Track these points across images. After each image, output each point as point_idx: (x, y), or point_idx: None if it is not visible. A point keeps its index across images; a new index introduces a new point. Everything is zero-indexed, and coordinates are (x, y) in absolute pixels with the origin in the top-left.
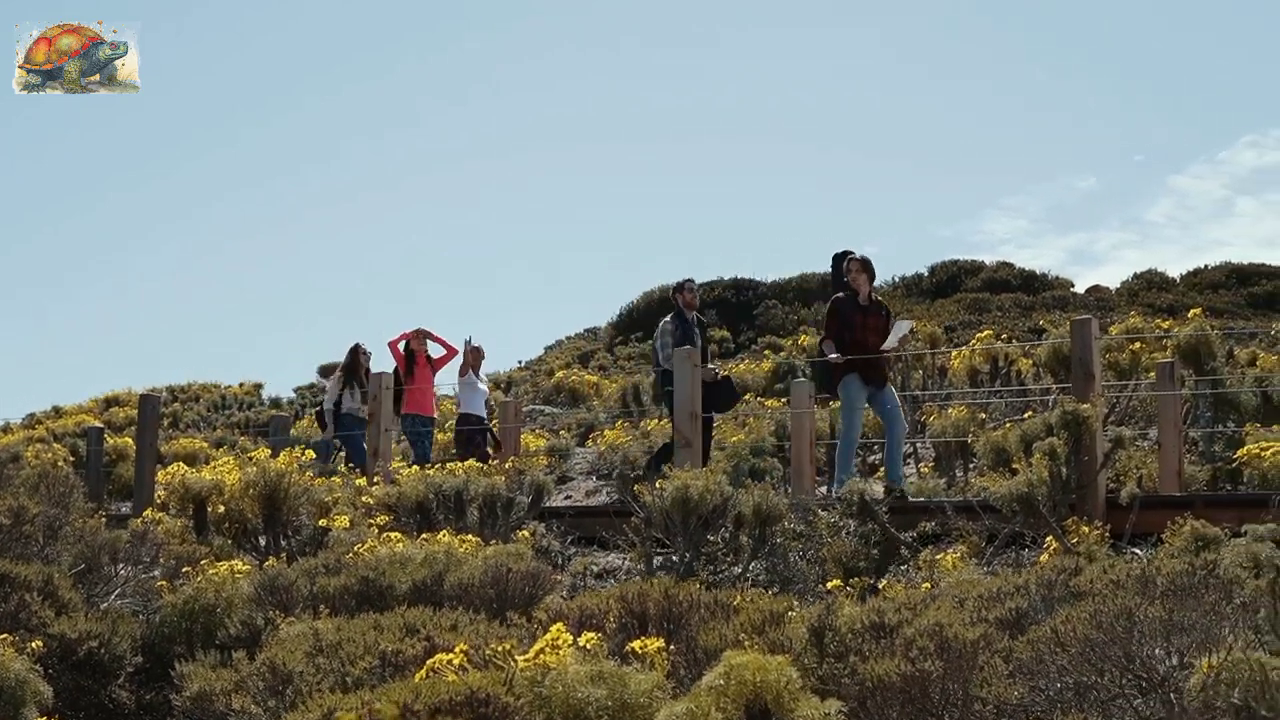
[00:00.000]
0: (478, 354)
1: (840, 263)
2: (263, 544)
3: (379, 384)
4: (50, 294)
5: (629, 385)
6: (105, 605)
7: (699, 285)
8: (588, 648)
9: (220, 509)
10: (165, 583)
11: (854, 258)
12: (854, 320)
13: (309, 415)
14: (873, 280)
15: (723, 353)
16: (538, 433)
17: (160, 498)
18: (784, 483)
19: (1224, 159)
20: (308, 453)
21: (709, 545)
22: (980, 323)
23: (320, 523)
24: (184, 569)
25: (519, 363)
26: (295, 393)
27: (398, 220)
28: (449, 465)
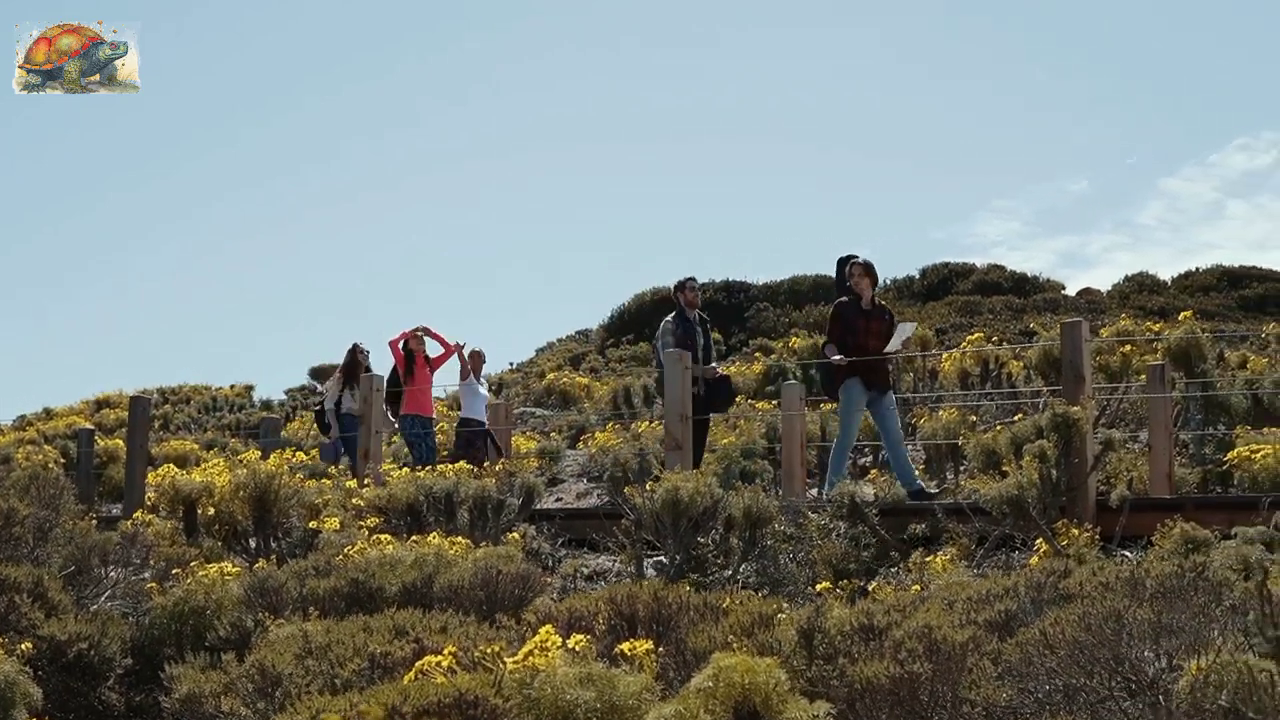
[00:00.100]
0: (479, 358)
1: (844, 267)
2: (253, 546)
3: (369, 386)
4: (47, 295)
5: (620, 387)
6: (95, 607)
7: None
8: (577, 650)
9: (210, 511)
10: (155, 585)
11: (856, 262)
12: (857, 324)
13: (300, 417)
14: (875, 284)
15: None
16: (529, 435)
17: (150, 500)
18: (775, 485)
19: (1215, 162)
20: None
21: (699, 547)
22: (971, 325)
23: (310, 525)
24: (174, 571)
25: (510, 364)
26: (286, 395)
27: (398, 220)
28: (440, 467)
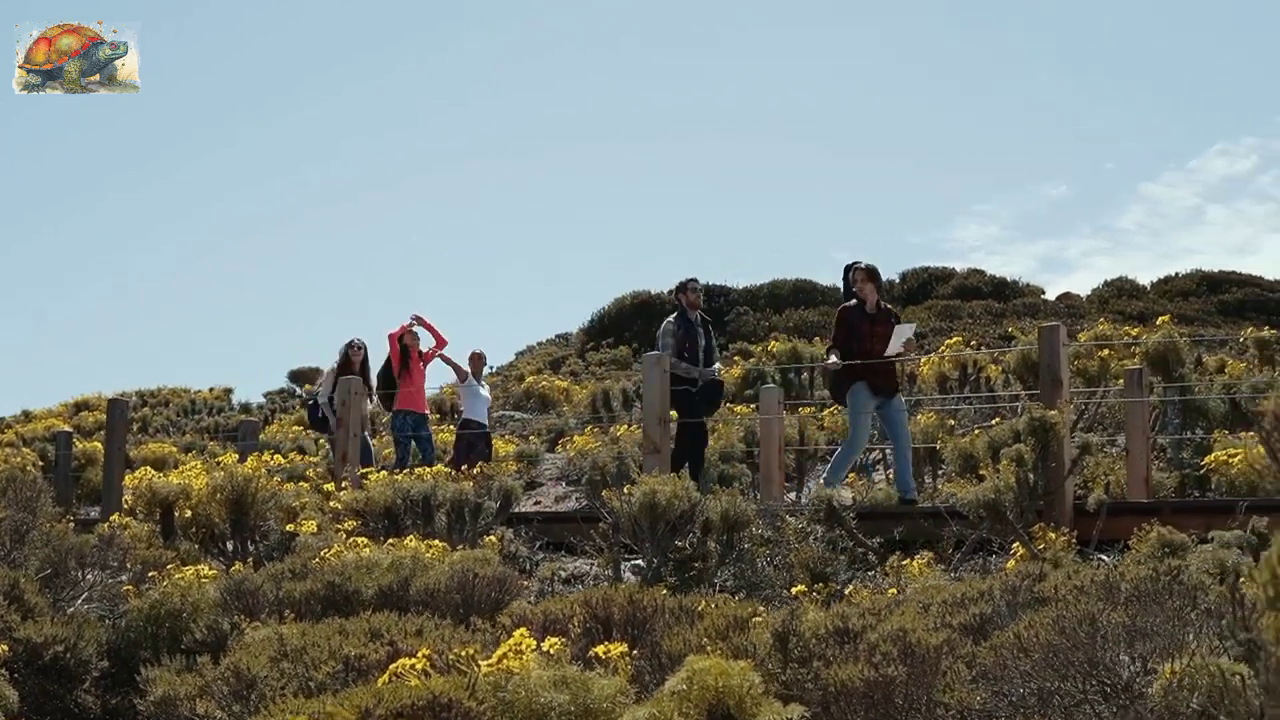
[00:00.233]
0: (479, 360)
1: (849, 274)
2: (230, 549)
3: (348, 389)
4: (44, 295)
5: (599, 391)
6: (72, 610)
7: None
8: (551, 653)
9: (187, 514)
10: (132, 587)
11: (860, 266)
12: (862, 329)
13: (279, 420)
14: (880, 288)
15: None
16: (507, 438)
17: (128, 502)
18: (753, 489)
19: (1195, 167)
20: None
21: (677, 551)
22: (951, 329)
23: (288, 528)
24: (151, 574)
25: (490, 368)
26: (265, 398)
27: (398, 220)
28: (416, 470)
